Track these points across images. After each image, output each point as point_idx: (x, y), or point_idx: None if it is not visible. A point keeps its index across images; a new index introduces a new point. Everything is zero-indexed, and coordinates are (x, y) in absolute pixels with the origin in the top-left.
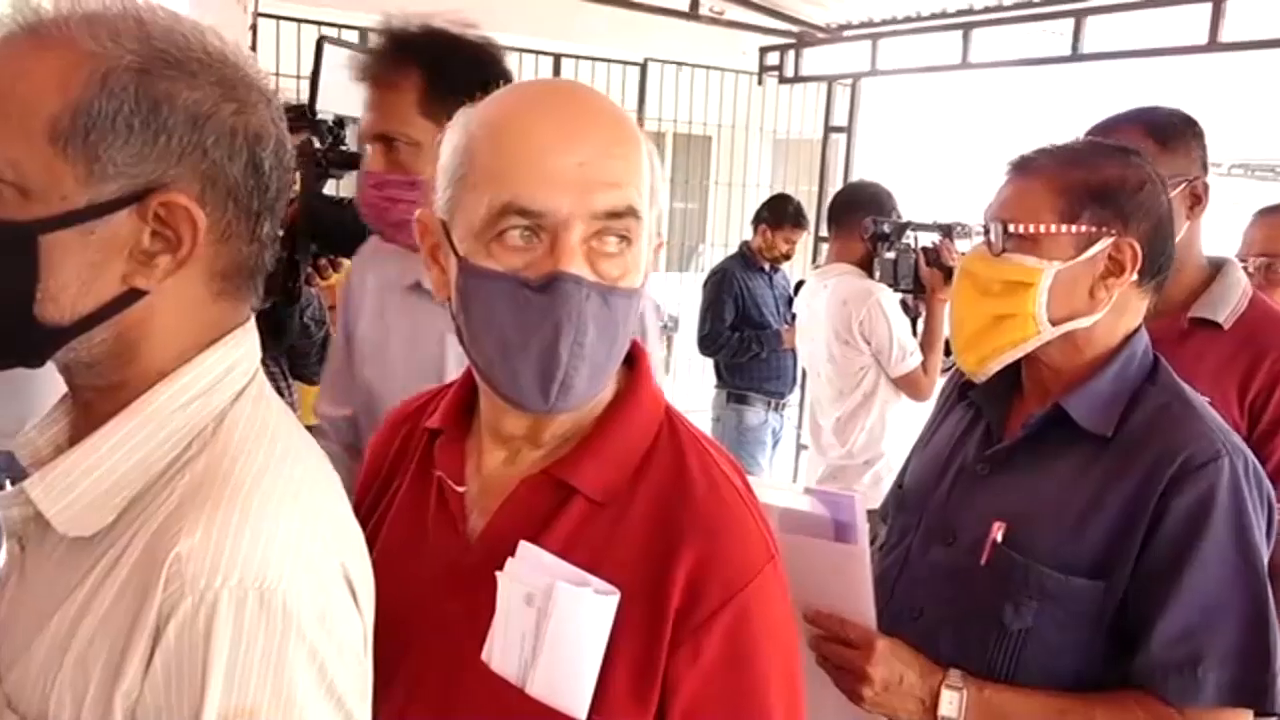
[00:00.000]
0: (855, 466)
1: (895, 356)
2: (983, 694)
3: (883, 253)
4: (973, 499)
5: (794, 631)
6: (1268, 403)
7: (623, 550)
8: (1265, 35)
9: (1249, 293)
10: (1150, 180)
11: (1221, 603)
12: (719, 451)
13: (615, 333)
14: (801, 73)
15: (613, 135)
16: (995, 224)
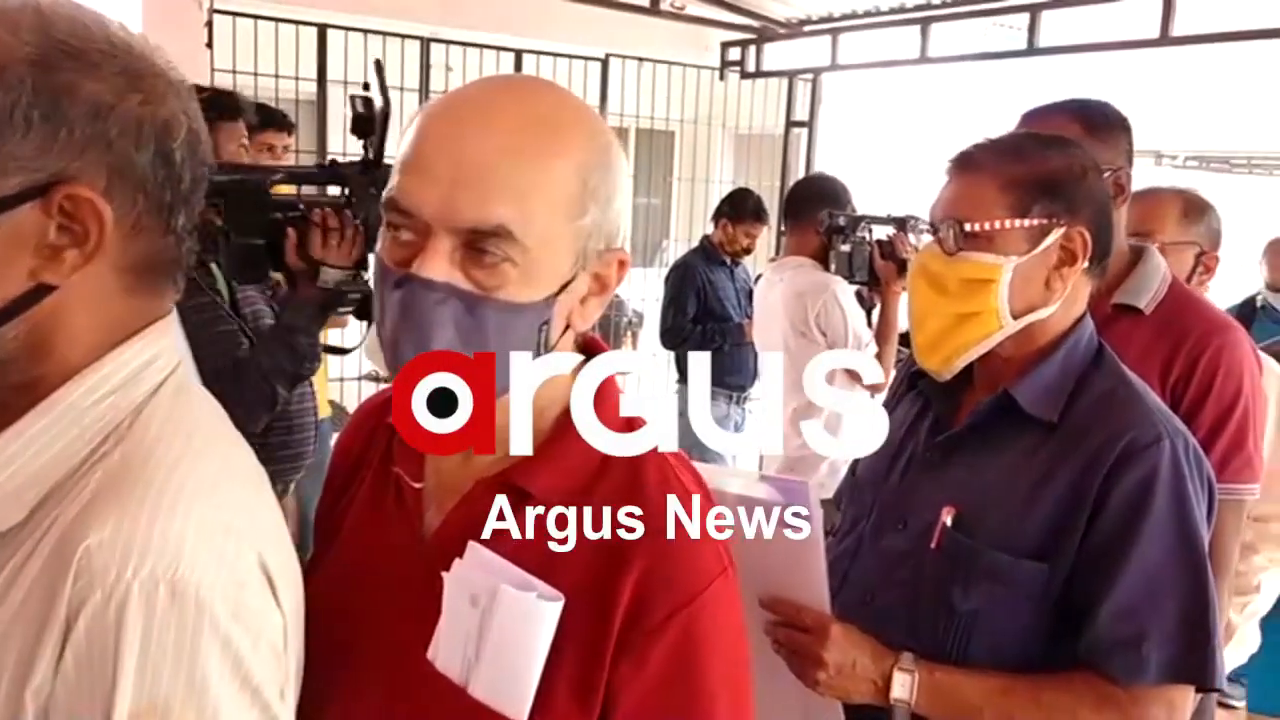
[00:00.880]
0: (812, 456)
1: (851, 348)
2: (933, 676)
3: (838, 246)
4: (923, 485)
5: (745, 647)
6: (1188, 385)
7: (572, 556)
8: (1215, 29)
9: (1169, 279)
10: (1091, 168)
11: (1163, 582)
12: (679, 459)
13: (485, 342)
14: (763, 68)
15: (508, 144)
16: (949, 223)
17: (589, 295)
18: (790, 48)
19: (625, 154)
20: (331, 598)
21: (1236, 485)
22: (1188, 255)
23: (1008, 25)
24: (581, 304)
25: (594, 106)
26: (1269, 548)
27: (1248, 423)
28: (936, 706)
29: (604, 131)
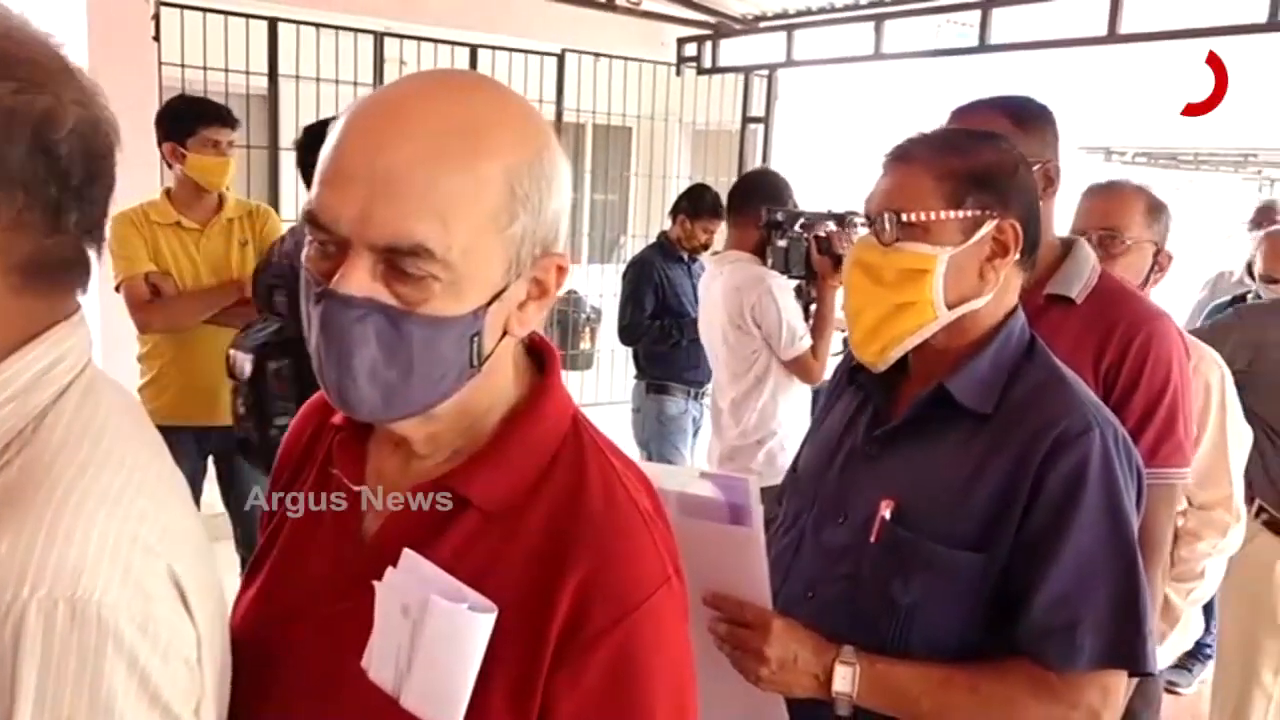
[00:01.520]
0: (749, 446)
1: (785, 341)
2: (874, 668)
3: (775, 241)
4: (862, 479)
5: (689, 658)
6: (1120, 373)
7: (511, 565)
8: (1161, 28)
9: (1098, 269)
10: (1022, 163)
11: (1095, 570)
12: (627, 466)
13: (411, 357)
14: (719, 63)
15: (427, 152)
16: (886, 214)
17: (528, 301)
18: (746, 44)
19: (582, 149)
20: (268, 603)
21: (1168, 470)
22: (1149, 253)
23: (960, 22)
24: (520, 310)
25: (550, 103)
26: (1212, 535)
27: (1177, 409)
28: (877, 698)
29: (536, 132)
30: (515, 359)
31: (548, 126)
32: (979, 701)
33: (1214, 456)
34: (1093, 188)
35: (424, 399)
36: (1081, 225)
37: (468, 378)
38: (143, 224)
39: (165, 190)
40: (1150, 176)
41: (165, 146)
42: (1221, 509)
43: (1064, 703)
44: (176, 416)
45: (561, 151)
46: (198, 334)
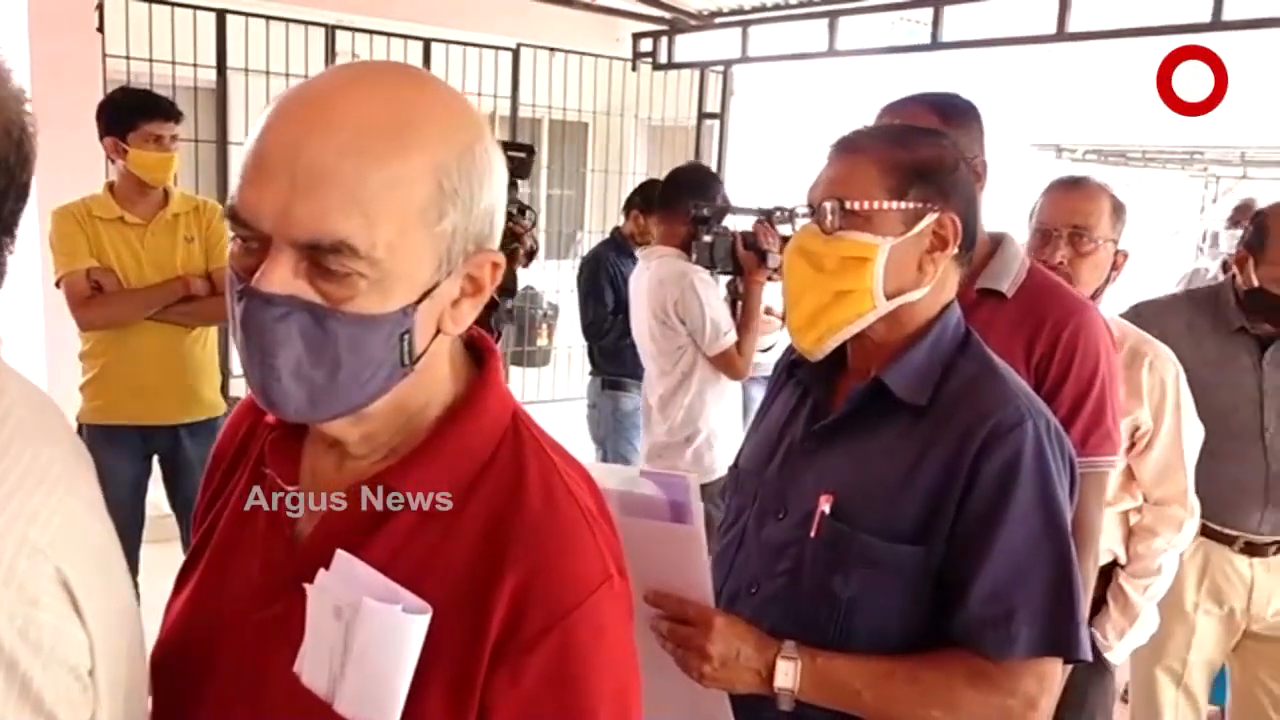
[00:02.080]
0: (677, 444)
1: (709, 336)
2: (815, 663)
3: (702, 236)
4: (802, 474)
5: (631, 660)
6: (1050, 364)
7: (448, 565)
8: (1108, 26)
9: (1027, 263)
10: (962, 159)
11: (1030, 560)
12: (569, 463)
13: (337, 356)
14: (674, 59)
15: (350, 147)
16: (830, 202)
17: (461, 298)
18: (701, 39)
19: (538, 145)
20: (199, 608)
21: (1098, 458)
22: (1112, 251)
23: (912, 20)
24: (453, 307)
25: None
26: (1168, 530)
27: (1105, 398)
28: (819, 693)
29: (466, 126)
30: (453, 355)
31: (480, 120)
32: (919, 692)
33: (1170, 453)
34: (1059, 184)
35: (353, 399)
36: (1048, 222)
37: (400, 377)
38: (84, 219)
39: (108, 184)
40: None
41: (106, 141)
42: (1177, 504)
43: (1002, 691)
44: (119, 416)
45: (496, 146)
46: (141, 332)
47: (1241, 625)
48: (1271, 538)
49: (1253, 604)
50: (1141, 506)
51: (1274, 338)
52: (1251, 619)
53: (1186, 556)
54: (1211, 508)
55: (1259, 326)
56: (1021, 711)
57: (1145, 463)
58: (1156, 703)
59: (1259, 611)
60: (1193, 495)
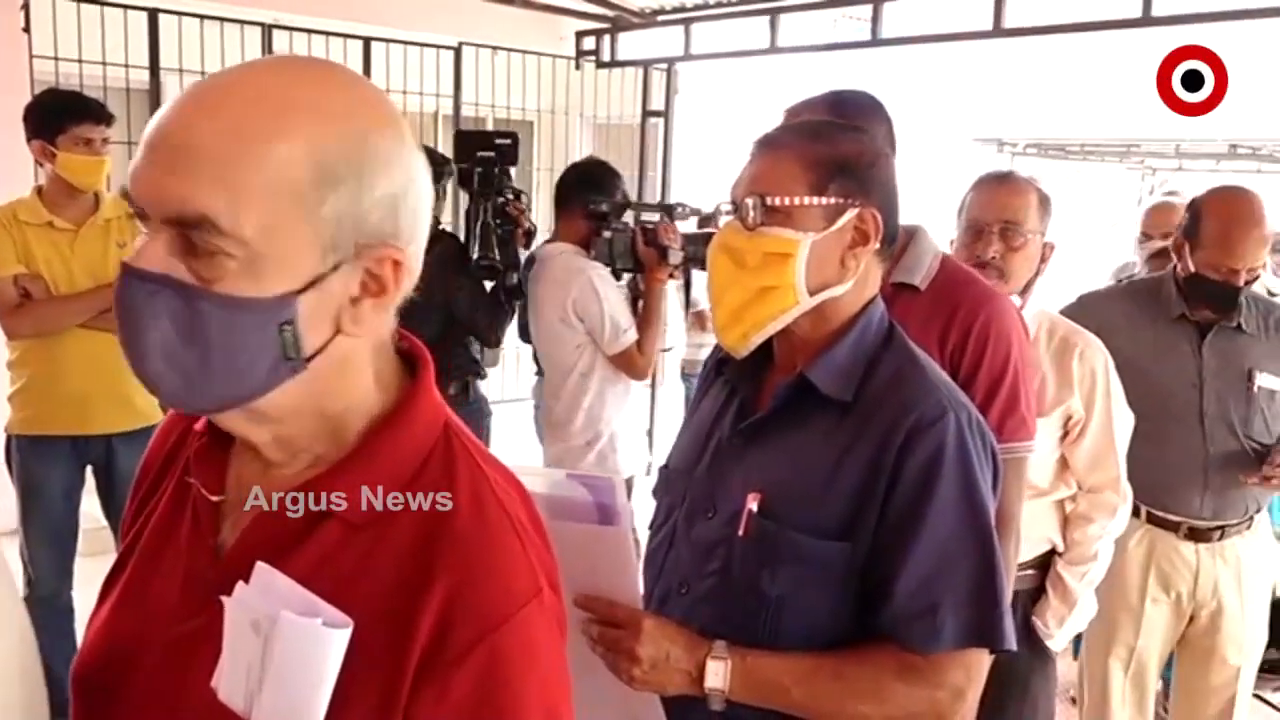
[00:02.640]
0: (578, 447)
1: (608, 335)
2: (745, 662)
3: (601, 232)
4: (729, 473)
5: (561, 676)
6: (963, 354)
7: (375, 578)
8: (1042, 22)
9: (939, 256)
10: (882, 154)
11: (953, 552)
12: (501, 474)
13: (208, 339)
14: (617, 57)
15: (227, 127)
16: (751, 198)
17: (362, 297)
18: (645, 37)
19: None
20: (118, 623)
21: (1014, 444)
22: (1040, 244)
23: (855, 17)
24: (353, 306)
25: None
26: (1103, 516)
27: (1019, 384)
28: (750, 692)
29: (363, 114)
30: (381, 364)
31: (386, 112)
32: (847, 687)
33: (1102, 440)
34: (987, 179)
35: (234, 389)
36: (979, 218)
37: (289, 372)
38: (11, 224)
39: (36, 188)
40: (1040, 167)
41: (34, 144)
42: (1110, 490)
43: (929, 684)
44: (50, 426)
45: (408, 141)
46: (71, 339)
47: (1188, 611)
48: (1213, 522)
49: (1198, 589)
50: (1076, 494)
51: (1213, 324)
52: (1197, 604)
53: (1133, 544)
54: (1154, 493)
55: (1198, 313)
56: (949, 702)
57: (1078, 451)
58: (1107, 691)
59: (1204, 597)
60: (1125, 481)
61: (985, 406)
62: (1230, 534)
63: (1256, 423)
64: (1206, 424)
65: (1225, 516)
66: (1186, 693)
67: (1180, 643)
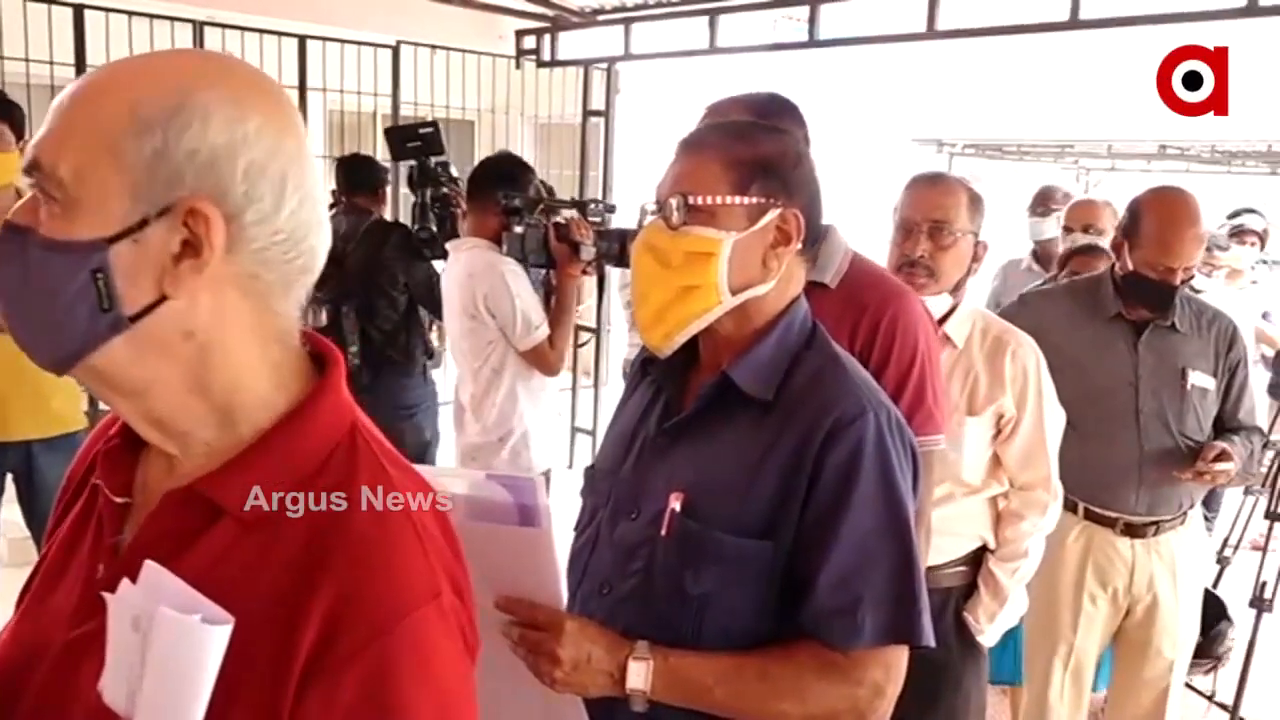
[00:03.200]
0: (491, 444)
1: (520, 330)
2: (667, 662)
3: (513, 227)
4: (653, 472)
5: (460, 681)
6: (872, 350)
7: (267, 577)
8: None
9: (849, 254)
10: (805, 156)
11: (873, 549)
12: (409, 477)
13: (29, 281)
14: (558, 57)
15: (81, 94)
16: (675, 198)
17: (183, 257)
18: (585, 37)
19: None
20: (22, 630)
21: (923, 438)
22: (972, 243)
23: (794, 18)
24: (175, 265)
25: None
26: (1033, 514)
27: (926, 379)
28: (672, 692)
29: (197, 75)
30: (283, 357)
31: (230, 80)
32: (769, 686)
33: (1033, 438)
34: (917, 180)
35: (59, 341)
36: (909, 217)
37: (110, 328)
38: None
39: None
40: (979, 167)
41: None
42: (1041, 488)
43: (849, 680)
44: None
45: (246, 105)
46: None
47: (1124, 606)
48: (1148, 518)
49: (1134, 584)
50: (1008, 492)
51: (1148, 323)
52: (1133, 599)
53: (1071, 540)
54: (1091, 490)
55: (1135, 312)
56: (869, 699)
57: (1010, 449)
58: (1046, 685)
59: (1139, 592)
60: (1056, 479)
61: (894, 401)
62: (1165, 529)
63: (1190, 420)
64: (1142, 421)
65: (1160, 512)
66: (1122, 685)
67: (1117, 636)
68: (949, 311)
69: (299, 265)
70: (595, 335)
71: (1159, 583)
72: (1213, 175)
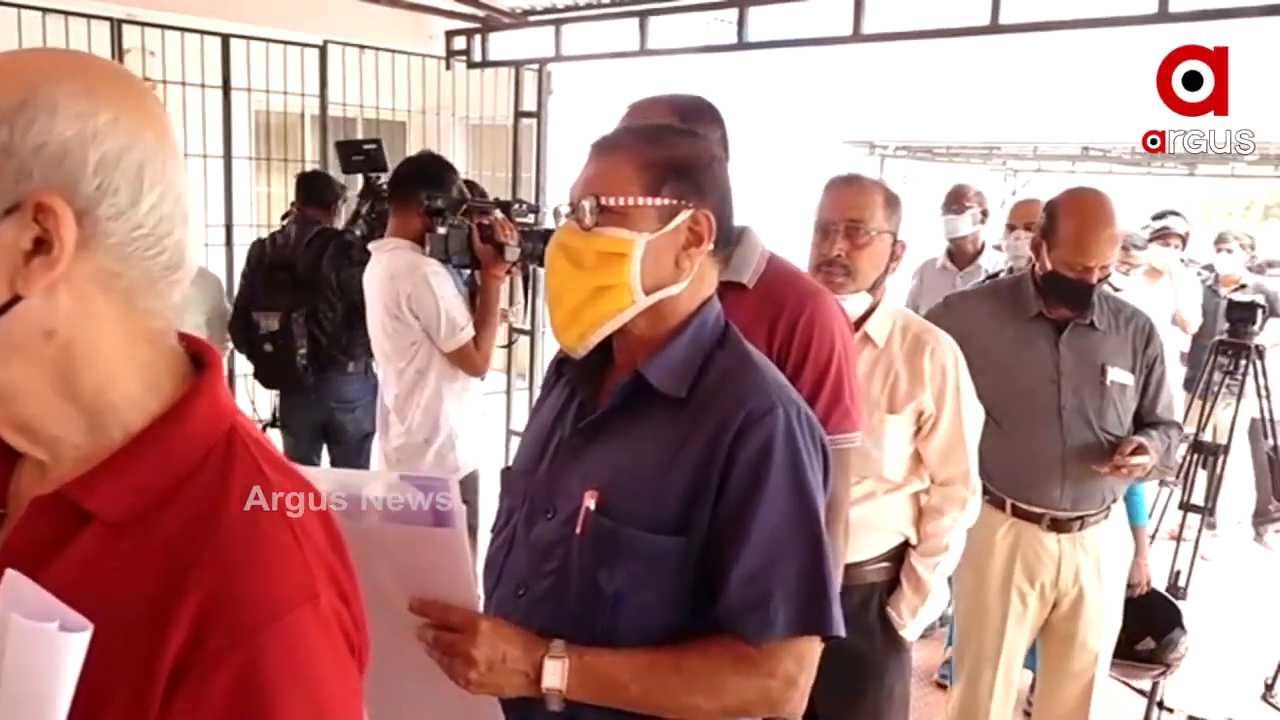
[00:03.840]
0: (416, 445)
1: (444, 332)
2: (583, 660)
3: (436, 228)
4: (568, 472)
5: (337, 685)
6: (789, 350)
7: (136, 583)
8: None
9: (766, 255)
10: (717, 158)
11: (783, 543)
12: (291, 480)
13: None
14: (489, 57)
15: None
16: (588, 199)
17: (34, 254)
18: (516, 38)
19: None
20: None
21: (839, 436)
22: (889, 243)
23: (725, 20)
24: (26, 263)
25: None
26: (953, 509)
27: (843, 377)
28: (588, 690)
29: (49, 71)
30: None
31: (90, 74)
32: (684, 680)
33: (952, 435)
34: (834, 181)
35: None
36: (827, 217)
37: None
38: None
39: None
40: (910, 169)
41: None
42: (960, 484)
43: (762, 673)
44: None
45: (101, 101)
46: None
47: (1051, 600)
48: (1073, 513)
49: (1060, 578)
50: (929, 488)
51: (1068, 322)
52: (1060, 593)
53: (1000, 536)
54: (1017, 487)
55: (1055, 311)
56: (782, 690)
57: (930, 445)
58: (976, 681)
59: (1065, 586)
60: (975, 474)
61: (811, 400)
62: (1089, 524)
63: (1110, 416)
64: (1064, 418)
65: (1084, 507)
66: (1049, 678)
67: (1044, 630)
68: (869, 311)
69: (163, 261)
70: (529, 337)
71: (1084, 576)
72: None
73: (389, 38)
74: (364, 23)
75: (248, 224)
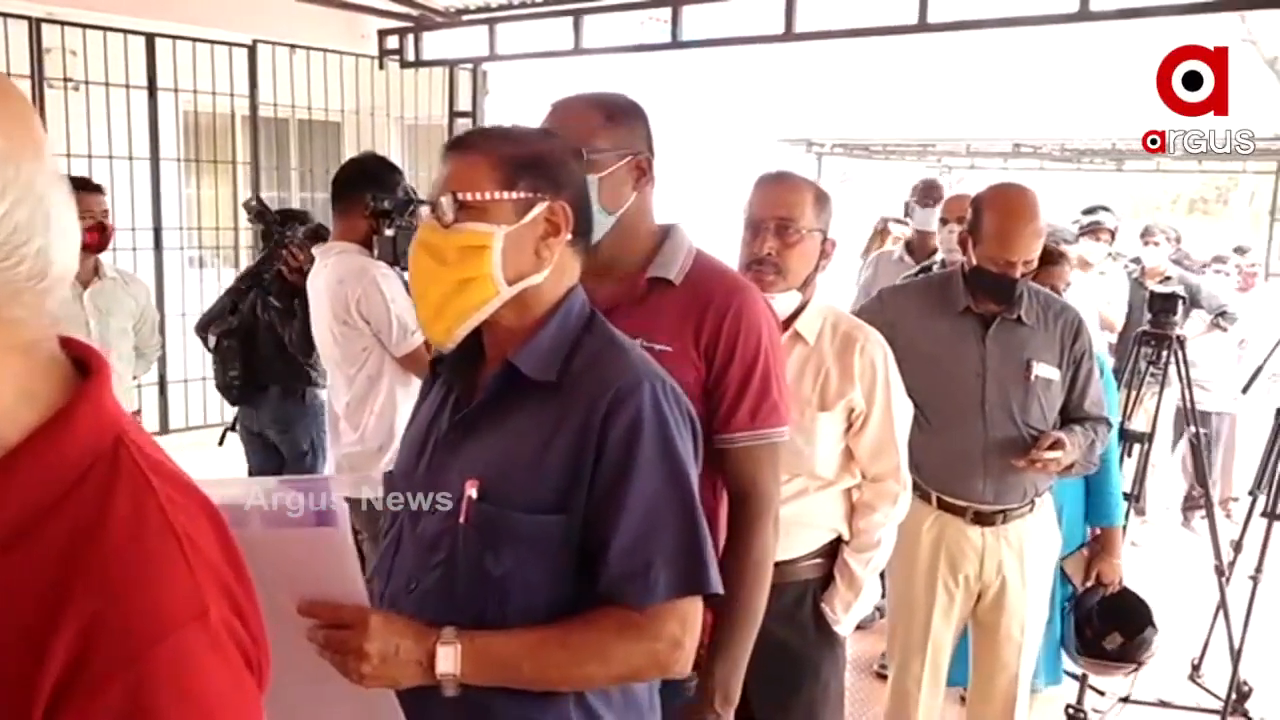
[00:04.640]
0: (370, 452)
1: (396, 335)
2: (474, 643)
3: (384, 230)
4: (448, 466)
5: (233, 702)
6: (717, 345)
7: (13, 604)
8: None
9: (693, 251)
10: (572, 155)
11: (659, 509)
12: (180, 490)
13: None
14: (422, 57)
15: None
16: (447, 197)
17: None
18: (450, 37)
19: (285, 145)
20: None
21: (768, 430)
22: (819, 240)
23: (659, 19)
24: None
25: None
26: (885, 504)
27: (770, 372)
28: (482, 672)
29: None
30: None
31: None
32: (573, 653)
33: (883, 431)
34: (764, 178)
35: None
36: (756, 215)
37: None
38: None
39: None
40: (847, 166)
41: None
42: (891, 479)
43: (648, 636)
44: None
45: None
46: None
47: (975, 591)
48: (996, 506)
49: (984, 570)
50: (861, 484)
51: (996, 316)
52: (984, 584)
53: (925, 530)
54: (942, 480)
55: (982, 305)
56: (668, 651)
57: (861, 442)
58: (905, 673)
59: (989, 577)
60: (905, 469)
61: (740, 395)
62: (1013, 517)
63: (1034, 410)
64: (987, 411)
65: (1006, 500)
66: (979, 667)
67: (973, 621)
68: (799, 309)
69: (25, 271)
70: None
71: (1007, 568)
72: (1064, 172)
73: (321, 37)
74: (294, 22)
75: (176, 226)
